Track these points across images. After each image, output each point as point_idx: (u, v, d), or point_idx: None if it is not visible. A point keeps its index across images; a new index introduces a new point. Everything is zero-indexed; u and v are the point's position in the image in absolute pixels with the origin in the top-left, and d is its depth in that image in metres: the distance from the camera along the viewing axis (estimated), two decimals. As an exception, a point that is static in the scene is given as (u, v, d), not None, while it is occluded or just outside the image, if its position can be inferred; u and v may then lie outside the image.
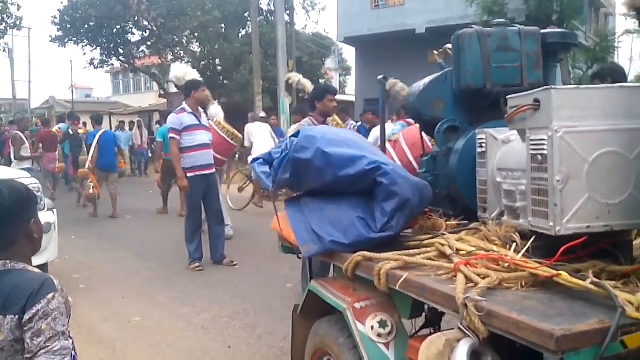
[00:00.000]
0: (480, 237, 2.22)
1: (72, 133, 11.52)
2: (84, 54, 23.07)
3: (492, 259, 1.91)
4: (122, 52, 22.73)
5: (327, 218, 2.46)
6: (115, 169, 9.86)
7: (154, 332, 4.33)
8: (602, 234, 1.88)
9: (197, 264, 6.01)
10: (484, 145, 2.43)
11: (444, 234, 2.34)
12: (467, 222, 2.56)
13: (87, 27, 20.98)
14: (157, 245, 7.38)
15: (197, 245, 6.08)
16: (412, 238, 2.49)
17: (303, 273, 4.33)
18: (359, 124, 9.56)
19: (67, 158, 11.82)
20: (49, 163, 11.46)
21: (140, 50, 23.06)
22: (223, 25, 21.94)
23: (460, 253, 2.06)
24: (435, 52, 3.30)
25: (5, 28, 20.83)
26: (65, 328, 1.56)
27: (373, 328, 2.13)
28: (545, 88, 1.89)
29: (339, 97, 6.47)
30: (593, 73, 4.73)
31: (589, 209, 1.84)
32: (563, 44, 2.93)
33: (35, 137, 12.30)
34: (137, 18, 20.68)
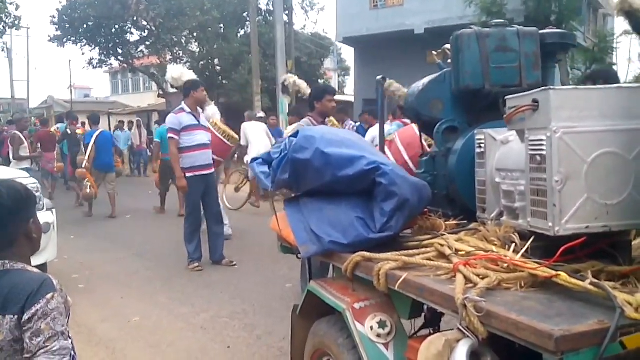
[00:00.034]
0: (480, 237, 2.22)
1: (70, 133, 11.53)
2: (83, 54, 22.96)
3: (491, 260, 1.91)
4: (120, 52, 22.71)
5: (326, 218, 2.46)
6: (113, 169, 9.84)
7: (153, 332, 4.33)
8: (601, 235, 1.88)
9: (196, 264, 6.01)
10: (483, 146, 2.43)
11: (443, 235, 2.34)
12: (466, 222, 2.57)
13: (85, 26, 20.94)
14: (156, 246, 7.37)
15: (196, 246, 6.08)
16: (411, 238, 2.50)
17: (302, 273, 4.33)
18: (358, 124, 9.55)
19: (65, 158, 11.82)
20: (48, 163, 11.46)
21: (139, 50, 23.03)
22: (222, 25, 21.90)
23: (460, 253, 2.06)
24: (434, 52, 3.30)
25: (4, 28, 20.75)
26: (65, 328, 1.56)
27: (372, 328, 2.13)
28: (544, 88, 1.89)
29: (338, 97, 6.45)
30: (585, 76, 4.69)
31: (588, 210, 1.84)
32: (562, 45, 2.93)
33: (34, 137, 12.28)
34: (135, 18, 20.66)
